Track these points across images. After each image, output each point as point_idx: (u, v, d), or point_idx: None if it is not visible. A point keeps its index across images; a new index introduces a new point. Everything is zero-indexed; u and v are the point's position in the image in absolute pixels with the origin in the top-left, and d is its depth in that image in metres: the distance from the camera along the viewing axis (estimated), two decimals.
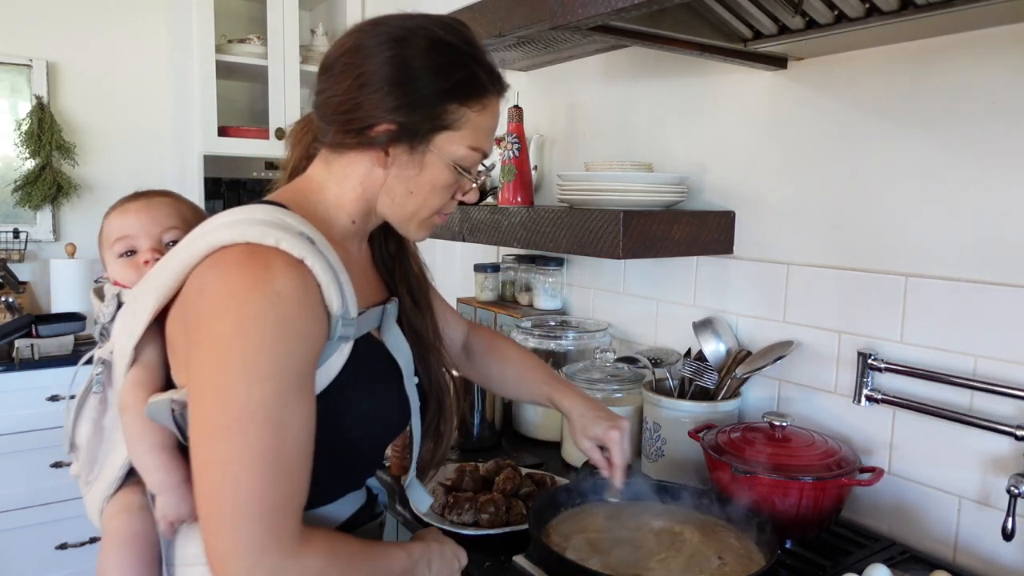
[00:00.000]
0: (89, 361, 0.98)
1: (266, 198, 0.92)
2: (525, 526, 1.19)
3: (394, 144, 0.89)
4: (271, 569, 0.73)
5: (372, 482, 1.07)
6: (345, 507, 0.96)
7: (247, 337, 0.75)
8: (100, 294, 1.02)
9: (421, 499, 1.13)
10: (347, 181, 0.93)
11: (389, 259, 1.06)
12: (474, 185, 0.96)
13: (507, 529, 1.21)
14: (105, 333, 0.97)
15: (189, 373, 0.79)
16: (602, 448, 1.17)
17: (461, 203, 1.02)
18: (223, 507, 0.73)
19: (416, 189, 0.92)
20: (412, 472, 1.09)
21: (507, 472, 1.32)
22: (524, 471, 1.38)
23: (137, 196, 1.07)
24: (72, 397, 0.94)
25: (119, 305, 0.97)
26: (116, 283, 1.01)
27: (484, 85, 0.91)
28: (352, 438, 0.90)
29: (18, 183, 2.92)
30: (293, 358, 0.77)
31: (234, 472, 0.73)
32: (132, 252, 1.01)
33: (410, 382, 0.99)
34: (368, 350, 0.93)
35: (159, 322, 0.86)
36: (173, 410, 0.82)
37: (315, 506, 0.91)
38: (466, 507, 1.21)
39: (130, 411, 0.86)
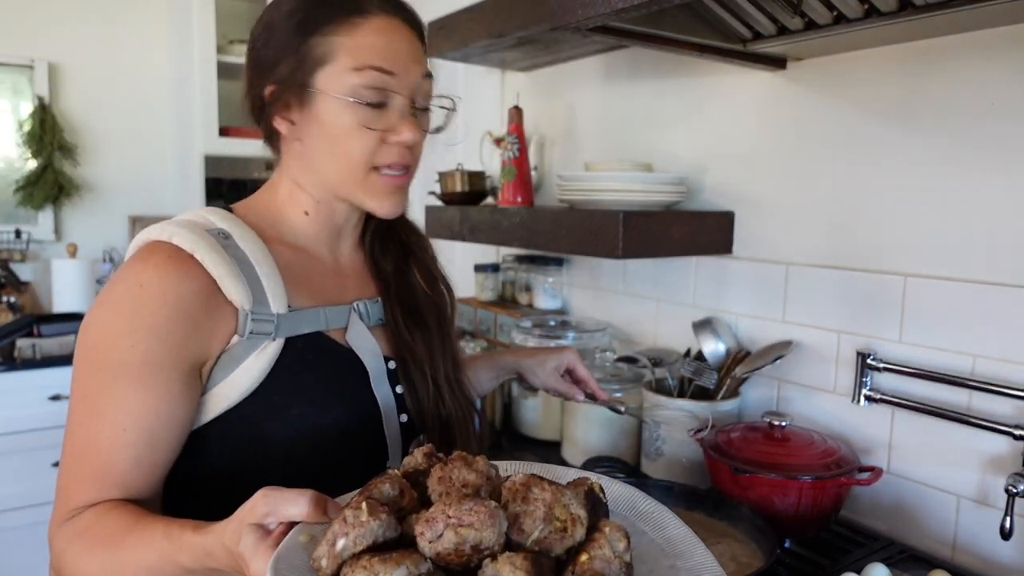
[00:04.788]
0: None
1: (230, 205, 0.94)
2: None
3: (285, 109, 0.86)
4: (51, 538, 0.79)
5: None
6: None
7: (97, 326, 0.79)
8: None
9: None
10: (288, 172, 0.92)
11: (386, 268, 1.01)
12: (384, 111, 0.85)
13: None
14: None
15: None
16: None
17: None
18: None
19: (331, 144, 0.85)
20: None
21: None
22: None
23: None
24: None
25: None
26: None
27: (342, 6, 0.83)
28: (278, 445, 0.84)
29: (20, 183, 2.93)
30: (138, 351, 0.77)
31: (64, 453, 0.79)
32: None
33: (380, 385, 0.93)
34: (312, 350, 0.88)
35: None
36: None
37: None
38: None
39: None
